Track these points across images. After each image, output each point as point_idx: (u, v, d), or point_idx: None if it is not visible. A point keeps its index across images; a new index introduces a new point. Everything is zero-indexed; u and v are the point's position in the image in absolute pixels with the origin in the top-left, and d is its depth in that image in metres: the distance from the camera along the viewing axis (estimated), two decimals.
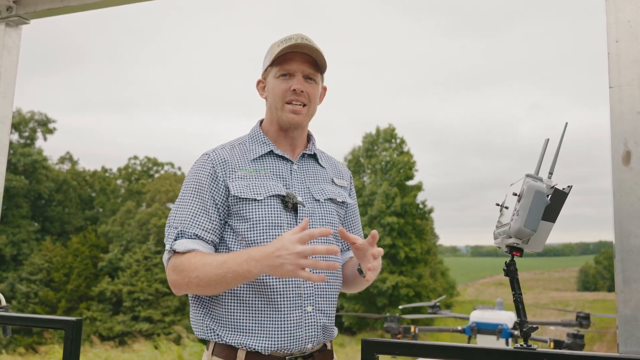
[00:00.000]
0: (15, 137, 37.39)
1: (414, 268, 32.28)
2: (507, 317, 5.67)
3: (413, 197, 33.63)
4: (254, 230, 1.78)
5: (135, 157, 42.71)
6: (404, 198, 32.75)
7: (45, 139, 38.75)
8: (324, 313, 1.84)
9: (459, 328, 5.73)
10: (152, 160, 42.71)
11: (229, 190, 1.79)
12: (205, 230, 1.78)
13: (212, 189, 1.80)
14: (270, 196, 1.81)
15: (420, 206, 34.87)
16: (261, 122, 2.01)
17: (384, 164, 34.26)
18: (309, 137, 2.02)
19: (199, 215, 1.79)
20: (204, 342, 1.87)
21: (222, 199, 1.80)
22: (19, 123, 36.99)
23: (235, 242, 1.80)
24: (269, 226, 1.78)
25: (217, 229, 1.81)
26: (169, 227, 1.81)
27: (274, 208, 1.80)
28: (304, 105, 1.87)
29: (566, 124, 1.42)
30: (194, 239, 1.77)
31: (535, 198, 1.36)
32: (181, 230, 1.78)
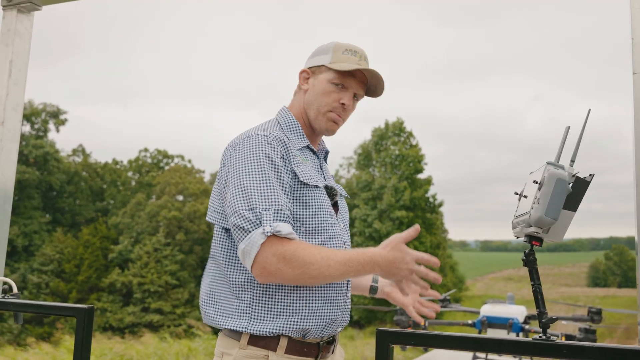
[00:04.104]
0: (27, 128, 37.66)
1: None
2: (518, 311, 5.62)
3: (424, 191, 33.58)
4: (317, 217, 1.77)
5: (146, 150, 42.91)
6: (413, 192, 32.71)
7: (57, 130, 39.03)
8: (349, 299, 1.91)
9: (469, 322, 5.69)
10: (162, 153, 42.87)
11: (296, 175, 1.75)
12: (291, 213, 1.72)
13: (285, 170, 1.74)
14: (324, 186, 1.84)
15: (430, 200, 34.82)
16: (286, 108, 1.98)
17: (393, 158, 34.21)
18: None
19: (285, 196, 1.70)
20: (224, 333, 1.77)
21: (290, 183, 1.75)
22: (31, 114, 37.23)
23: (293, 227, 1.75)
24: (327, 214, 1.80)
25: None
26: (255, 207, 1.63)
27: (327, 197, 1.84)
28: (341, 118, 1.91)
29: (589, 110, 1.38)
30: (288, 222, 1.66)
31: (556, 186, 1.32)
32: (277, 209, 1.64)
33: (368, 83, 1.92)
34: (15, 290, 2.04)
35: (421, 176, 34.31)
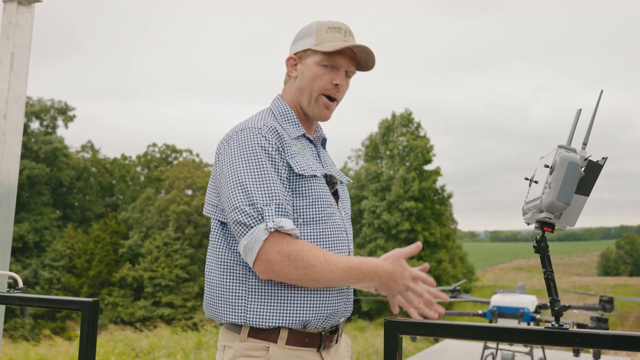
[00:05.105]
0: (36, 125, 37.87)
1: (433, 253, 32.19)
2: (528, 301, 5.58)
3: (432, 182, 33.45)
4: (315, 207, 1.73)
5: (154, 145, 43.04)
6: (422, 183, 32.60)
7: (66, 127, 39.21)
8: (352, 289, 1.88)
9: (480, 312, 5.66)
10: (171, 148, 42.98)
11: (290, 168, 1.71)
12: (291, 207, 1.67)
13: (282, 163, 1.70)
14: (323, 174, 1.80)
15: (439, 191, 34.69)
16: (280, 97, 1.94)
17: (401, 149, 34.08)
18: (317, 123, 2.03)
19: (284, 189, 1.66)
20: (230, 327, 1.74)
21: (287, 175, 1.71)
22: (40, 111, 37.40)
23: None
24: (326, 204, 1.76)
25: None
26: (255, 203, 1.60)
27: (325, 186, 1.79)
28: (335, 99, 1.86)
29: (601, 91, 1.34)
30: (289, 217, 1.63)
31: (568, 170, 1.28)
32: (278, 204, 1.61)
33: (358, 57, 1.86)
34: (20, 284, 2.03)
35: (429, 167, 34.19)
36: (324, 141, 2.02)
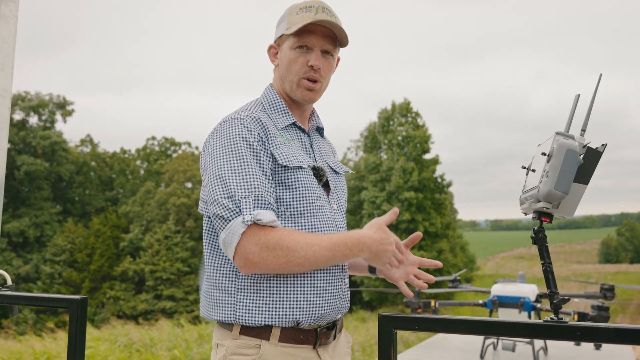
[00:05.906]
0: (34, 120, 37.80)
1: (434, 243, 32.20)
2: (529, 290, 5.55)
3: (431, 171, 33.41)
4: (302, 200, 1.67)
5: (153, 138, 42.96)
6: (421, 173, 32.56)
7: (65, 121, 39.12)
8: (347, 285, 1.83)
9: (480, 302, 5.63)
10: (170, 141, 42.91)
11: (274, 159, 1.66)
12: (274, 198, 1.61)
13: (265, 154, 1.65)
14: (309, 166, 1.74)
15: (439, 180, 34.66)
16: (271, 86, 1.89)
17: (400, 139, 34.00)
18: (312, 110, 1.95)
19: (266, 180, 1.61)
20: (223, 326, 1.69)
21: (271, 166, 1.66)
22: (38, 106, 37.30)
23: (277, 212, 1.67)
24: (314, 196, 1.71)
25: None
26: (233, 195, 1.55)
27: (313, 178, 1.74)
28: (317, 81, 1.79)
29: (600, 75, 1.29)
30: (270, 208, 1.57)
31: (566, 157, 1.23)
32: (257, 196, 1.56)
33: (336, 34, 1.77)
34: (9, 282, 1.99)
35: (428, 156, 34.12)
36: (320, 130, 1.96)
